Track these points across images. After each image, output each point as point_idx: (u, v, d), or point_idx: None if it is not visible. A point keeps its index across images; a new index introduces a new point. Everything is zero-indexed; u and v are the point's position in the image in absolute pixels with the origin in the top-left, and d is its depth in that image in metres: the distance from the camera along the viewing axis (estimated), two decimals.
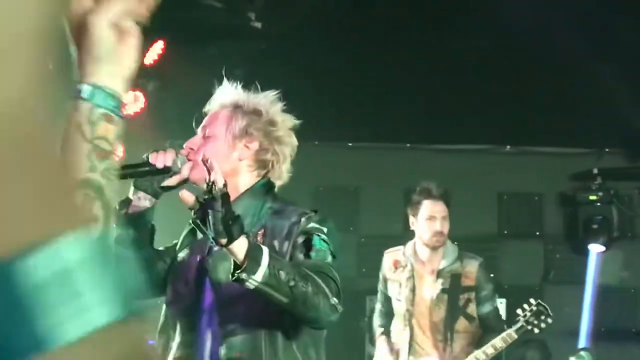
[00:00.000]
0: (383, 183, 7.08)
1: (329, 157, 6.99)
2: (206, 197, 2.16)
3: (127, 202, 2.43)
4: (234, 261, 2.17)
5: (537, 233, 7.35)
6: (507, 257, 7.29)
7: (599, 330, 6.87)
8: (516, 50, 6.60)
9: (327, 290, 2.24)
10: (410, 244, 4.79)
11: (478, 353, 4.50)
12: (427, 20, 6.49)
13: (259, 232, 2.41)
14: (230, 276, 2.18)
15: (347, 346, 6.37)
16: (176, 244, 2.60)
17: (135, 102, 6.01)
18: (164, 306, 2.52)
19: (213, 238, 2.19)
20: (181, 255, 2.53)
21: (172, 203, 2.34)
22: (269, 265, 2.15)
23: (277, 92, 2.57)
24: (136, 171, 2.37)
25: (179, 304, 2.46)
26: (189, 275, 2.46)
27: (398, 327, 4.76)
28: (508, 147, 7.38)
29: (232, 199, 2.43)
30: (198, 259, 2.46)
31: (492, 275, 7.01)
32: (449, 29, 6.61)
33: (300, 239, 2.40)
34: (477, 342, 4.62)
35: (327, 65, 6.54)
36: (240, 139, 2.49)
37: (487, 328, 4.67)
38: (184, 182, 2.44)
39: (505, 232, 7.38)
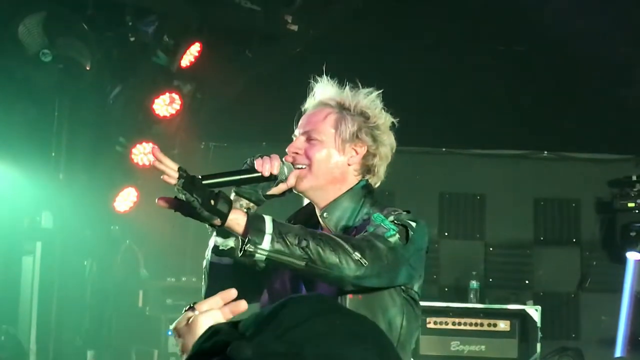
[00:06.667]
0: (418, 187, 7.04)
1: None
2: (177, 197, 2.08)
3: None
4: (240, 237, 2.10)
5: (574, 240, 7.25)
6: (543, 263, 7.21)
7: (636, 340, 6.76)
8: (555, 56, 6.53)
9: (346, 246, 2.10)
10: None
11: None
12: (466, 26, 6.46)
13: (352, 233, 2.30)
14: (238, 252, 2.09)
15: None
16: None
17: (171, 104, 6.03)
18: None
19: (210, 225, 2.14)
20: None
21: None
22: (273, 231, 2.06)
23: (377, 91, 2.51)
24: (241, 178, 2.27)
25: (274, 302, 2.39)
26: (285, 273, 2.38)
27: None
28: (545, 152, 7.30)
29: (330, 200, 2.36)
30: None
31: (527, 282, 6.99)
32: (487, 34, 6.56)
33: None
34: None
35: (363, 68, 6.51)
36: (350, 144, 2.40)
37: None
38: (290, 191, 2.38)
39: (542, 238, 7.29)
